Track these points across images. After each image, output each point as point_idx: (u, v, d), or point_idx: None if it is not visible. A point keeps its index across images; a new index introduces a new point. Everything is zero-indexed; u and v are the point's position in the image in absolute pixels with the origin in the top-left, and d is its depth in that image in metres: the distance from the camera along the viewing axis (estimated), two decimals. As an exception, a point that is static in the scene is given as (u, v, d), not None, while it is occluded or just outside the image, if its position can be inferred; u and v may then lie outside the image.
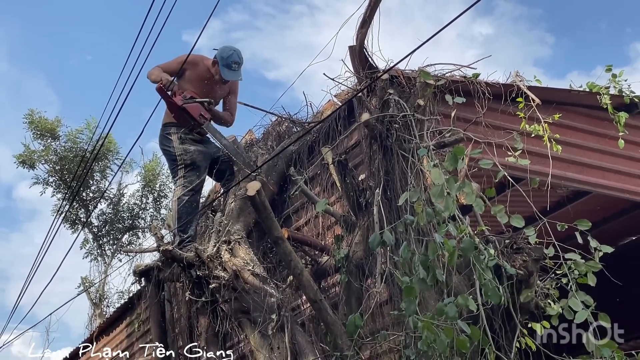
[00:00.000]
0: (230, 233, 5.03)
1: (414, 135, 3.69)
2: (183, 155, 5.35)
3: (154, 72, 5.31)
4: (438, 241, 2.92)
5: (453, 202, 2.99)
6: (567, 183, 5.27)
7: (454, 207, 3.01)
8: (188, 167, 5.35)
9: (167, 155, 5.48)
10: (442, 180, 3.00)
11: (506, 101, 4.87)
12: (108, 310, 15.05)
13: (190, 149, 5.38)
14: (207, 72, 5.57)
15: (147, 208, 16.81)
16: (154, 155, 17.21)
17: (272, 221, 3.74)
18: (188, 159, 5.35)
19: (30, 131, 15.66)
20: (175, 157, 5.38)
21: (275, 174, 5.48)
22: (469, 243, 2.97)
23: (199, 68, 5.56)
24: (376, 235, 3.20)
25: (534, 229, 3.48)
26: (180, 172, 5.35)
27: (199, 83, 5.52)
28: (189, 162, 5.35)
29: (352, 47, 4.68)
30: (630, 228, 7.71)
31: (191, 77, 5.50)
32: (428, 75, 3.77)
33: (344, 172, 4.05)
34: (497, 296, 2.95)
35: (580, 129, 5.44)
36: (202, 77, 5.56)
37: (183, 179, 5.32)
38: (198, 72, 5.55)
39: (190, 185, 5.31)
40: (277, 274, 5.13)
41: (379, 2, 4.45)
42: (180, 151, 5.36)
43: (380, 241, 3.16)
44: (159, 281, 5.62)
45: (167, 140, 5.42)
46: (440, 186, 2.98)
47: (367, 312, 3.67)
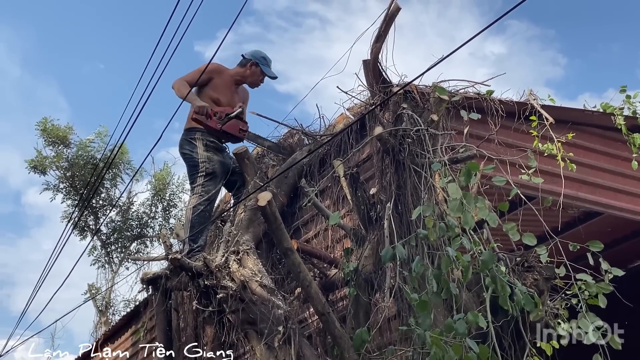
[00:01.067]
0: (239, 243, 5.01)
1: (427, 150, 3.68)
2: (206, 163, 5.37)
3: (180, 87, 5.38)
4: (452, 255, 2.90)
5: (472, 216, 2.98)
6: (579, 203, 5.24)
7: (473, 221, 3.00)
8: (208, 175, 5.36)
9: (188, 160, 5.48)
10: (460, 194, 2.98)
11: (519, 119, 4.86)
12: (114, 318, 15.05)
13: (214, 159, 5.41)
14: (231, 80, 5.68)
15: (156, 217, 16.85)
16: (165, 164, 17.29)
17: (282, 232, 3.73)
18: (210, 167, 5.37)
19: (42, 138, 15.77)
20: (197, 163, 5.38)
21: (286, 186, 5.48)
22: (489, 255, 2.96)
23: (224, 76, 5.67)
24: (388, 249, 3.19)
25: (545, 248, 3.46)
26: (199, 179, 5.35)
27: (224, 90, 5.63)
28: (210, 171, 5.37)
29: (366, 61, 4.69)
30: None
31: (217, 85, 5.60)
32: (443, 90, 3.77)
33: (356, 185, 4.04)
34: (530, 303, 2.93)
35: (593, 150, 5.41)
36: (227, 84, 5.67)
37: (201, 187, 5.33)
38: (223, 80, 5.66)
39: (207, 195, 5.32)
40: (285, 285, 5.11)
41: (394, 17, 4.47)
42: (203, 158, 5.38)
43: (393, 255, 3.15)
44: (166, 289, 5.61)
45: (191, 145, 5.43)
46: (458, 200, 2.97)
47: (374, 327, 3.65)
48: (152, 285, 5.81)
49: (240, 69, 5.82)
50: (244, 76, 5.80)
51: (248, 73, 5.78)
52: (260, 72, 5.82)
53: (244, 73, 5.80)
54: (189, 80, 5.43)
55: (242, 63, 5.84)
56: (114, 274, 16.17)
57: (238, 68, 5.84)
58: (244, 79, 5.82)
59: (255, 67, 5.78)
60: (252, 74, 5.79)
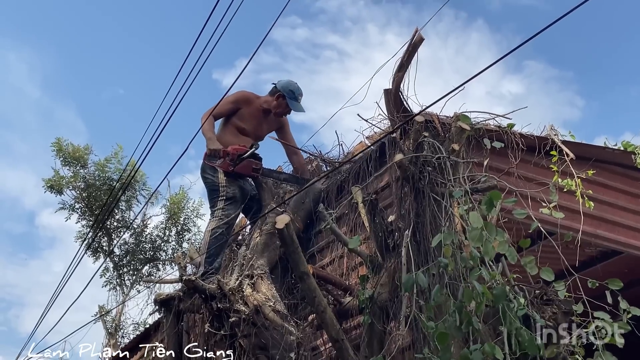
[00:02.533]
0: (253, 267, 5.01)
1: (447, 179, 3.67)
2: (227, 188, 5.46)
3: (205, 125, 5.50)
4: (478, 288, 2.86)
5: (492, 247, 2.95)
6: (597, 241, 5.18)
7: (493, 252, 2.97)
8: (229, 200, 5.45)
9: (209, 184, 5.56)
10: (481, 223, 2.96)
11: (539, 154, 4.84)
12: (123, 341, 14.96)
13: (234, 184, 5.48)
14: (259, 109, 5.76)
15: (170, 241, 16.84)
16: (181, 188, 17.34)
17: (299, 256, 3.72)
18: (231, 192, 5.46)
19: (59, 158, 15.88)
20: (217, 188, 5.48)
21: (303, 212, 5.48)
22: (501, 290, 2.92)
23: (253, 105, 5.78)
24: (410, 277, 3.16)
25: (564, 284, 3.42)
26: (219, 203, 5.42)
27: (251, 119, 5.74)
28: (230, 196, 5.45)
29: (388, 90, 4.71)
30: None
31: (244, 115, 5.72)
32: (467, 118, 3.77)
33: (374, 212, 4.03)
34: (533, 347, 2.88)
35: (613, 187, 5.37)
36: (254, 114, 5.77)
37: (221, 211, 5.39)
38: (251, 109, 5.76)
39: (226, 219, 5.39)
40: (298, 312, 5.08)
41: (417, 47, 4.50)
42: (224, 183, 5.48)
43: (413, 283, 3.12)
44: (179, 311, 5.60)
45: (212, 170, 5.54)
46: (479, 230, 2.95)
47: (389, 356, 3.60)
48: (164, 307, 5.79)
49: (269, 98, 5.90)
50: (271, 105, 5.87)
51: (275, 104, 5.85)
52: (286, 105, 5.86)
53: (271, 102, 5.87)
54: (216, 113, 5.54)
55: (272, 92, 5.92)
56: (125, 296, 16.13)
57: (268, 96, 5.92)
58: (271, 108, 5.88)
59: (282, 100, 5.84)
60: (278, 105, 5.86)
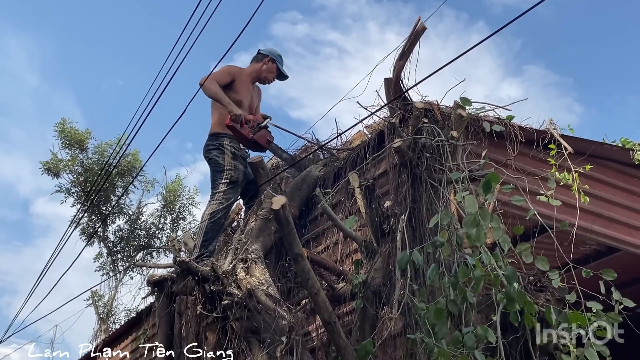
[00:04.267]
0: (247, 252, 5.00)
1: (445, 165, 3.66)
2: (232, 171, 5.38)
3: (212, 87, 5.43)
4: (470, 263, 2.86)
5: (485, 233, 2.94)
6: (592, 236, 5.19)
7: (485, 238, 2.97)
8: (231, 184, 5.37)
9: (213, 165, 5.48)
10: (476, 207, 2.95)
11: (538, 147, 4.84)
12: (114, 327, 14.97)
13: (239, 168, 5.43)
14: (248, 79, 5.72)
15: (165, 228, 16.84)
16: (177, 176, 17.32)
17: (294, 237, 3.71)
18: (235, 176, 5.38)
19: (60, 140, 15.85)
20: (222, 170, 5.40)
21: (299, 198, 5.47)
22: (511, 271, 2.92)
23: (242, 76, 5.71)
24: (405, 255, 3.15)
25: (558, 272, 3.42)
26: (222, 186, 5.35)
27: (243, 91, 5.68)
28: (234, 180, 5.38)
29: (388, 79, 4.69)
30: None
31: (237, 87, 5.64)
32: (467, 101, 3.76)
33: (370, 197, 4.02)
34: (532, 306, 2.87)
35: (610, 184, 5.38)
36: (245, 85, 5.72)
37: (223, 195, 5.32)
38: (242, 81, 5.70)
39: (226, 203, 5.34)
40: (291, 298, 5.08)
41: (419, 36, 4.48)
42: (230, 166, 5.39)
43: (409, 260, 3.11)
44: (171, 293, 5.59)
45: (219, 151, 5.44)
46: (474, 214, 2.94)
47: (379, 340, 3.60)
48: (157, 288, 5.79)
49: (256, 65, 5.86)
50: (259, 72, 5.84)
51: (264, 68, 5.83)
52: (276, 69, 5.86)
53: (260, 68, 5.84)
54: (218, 80, 5.47)
55: (257, 58, 5.89)
56: (118, 282, 16.13)
57: (254, 64, 5.88)
58: (258, 74, 5.85)
59: (271, 64, 5.83)
60: (268, 69, 5.84)
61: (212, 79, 5.42)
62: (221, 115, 5.51)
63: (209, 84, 5.39)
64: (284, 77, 6.02)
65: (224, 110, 5.46)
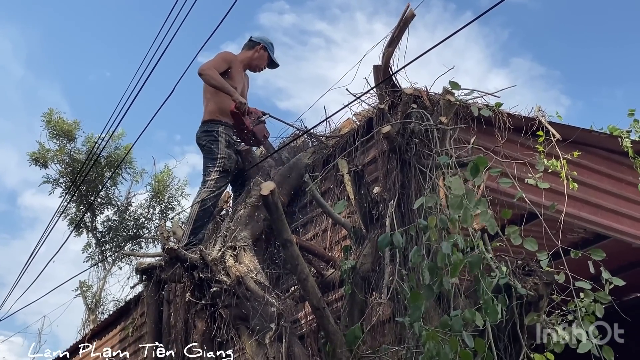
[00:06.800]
0: (236, 239, 4.99)
1: (434, 146, 3.66)
2: (225, 160, 5.35)
3: (215, 76, 5.38)
4: (445, 252, 2.86)
5: (471, 215, 2.94)
6: (580, 223, 5.20)
7: (472, 220, 2.97)
8: (224, 172, 5.35)
9: (207, 152, 5.44)
10: (462, 190, 2.95)
11: (526, 134, 4.84)
12: (103, 317, 14.94)
13: (232, 157, 5.41)
14: (240, 66, 5.71)
15: (153, 219, 16.79)
16: (166, 167, 17.27)
17: (283, 223, 3.71)
18: (228, 165, 5.36)
19: (47, 130, 15.76)
20: (216, 158, 5.37)
21: (288, 186, 5.46)
22: (476, 258, 2.92)
23: (236, 64, 5.68)
24: (386, 236, 3.15)
25: (547, 254, 3.44)
26: (214, 174, 5.32)
27: (238, 79, 5.67)
28: (226, 168, 5.35)
29: (377, 66, 4.68)
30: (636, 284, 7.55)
31: (233, 74, 5.62)
32: (457, 85, 3.75)
33: (359, 182, 4.02)
34: (495, 314, 2.89)
35: (598, 171, 5.38)
36: (239, 72, 5.71)
37: (214, 183, 5.30)
38: (236, 68, 5.67)
39: (217, 191, 5.32)
40: (280, 285, 5.08)
41: (408, 23, 4.47)
42: (223, 154, 5.36)
43: (390, 242, 3.11)
44: (160, 281, 5.58)
45: (213, 138, 5.41)
46: (460, 197, 2.94)
47: (368, 325, 3.61)
48: (145, 275, 5.77)
49: (248, 52, 5.85)
50: (251, 59, 5.82)
51: (256, 56, 5.82)
52: (268, 56, 5.85)
53: (251, 56, 5.82)
54: (217, 68, 5.44)
55: (249, 45, 5.87)
56: (107, 272, 16.09)
57: (245, 51, 5.86)
58: (250, 62, 5.84)
59: (263, 51, 5.82)
60: (259, 57, 5.83)
61: (212, 67, 5.39)
62: (217, 103, 5.48)
63: (211, 73, 5.37)
64: (274, 65, 6.00)
65: (220, 98, 5.44)
